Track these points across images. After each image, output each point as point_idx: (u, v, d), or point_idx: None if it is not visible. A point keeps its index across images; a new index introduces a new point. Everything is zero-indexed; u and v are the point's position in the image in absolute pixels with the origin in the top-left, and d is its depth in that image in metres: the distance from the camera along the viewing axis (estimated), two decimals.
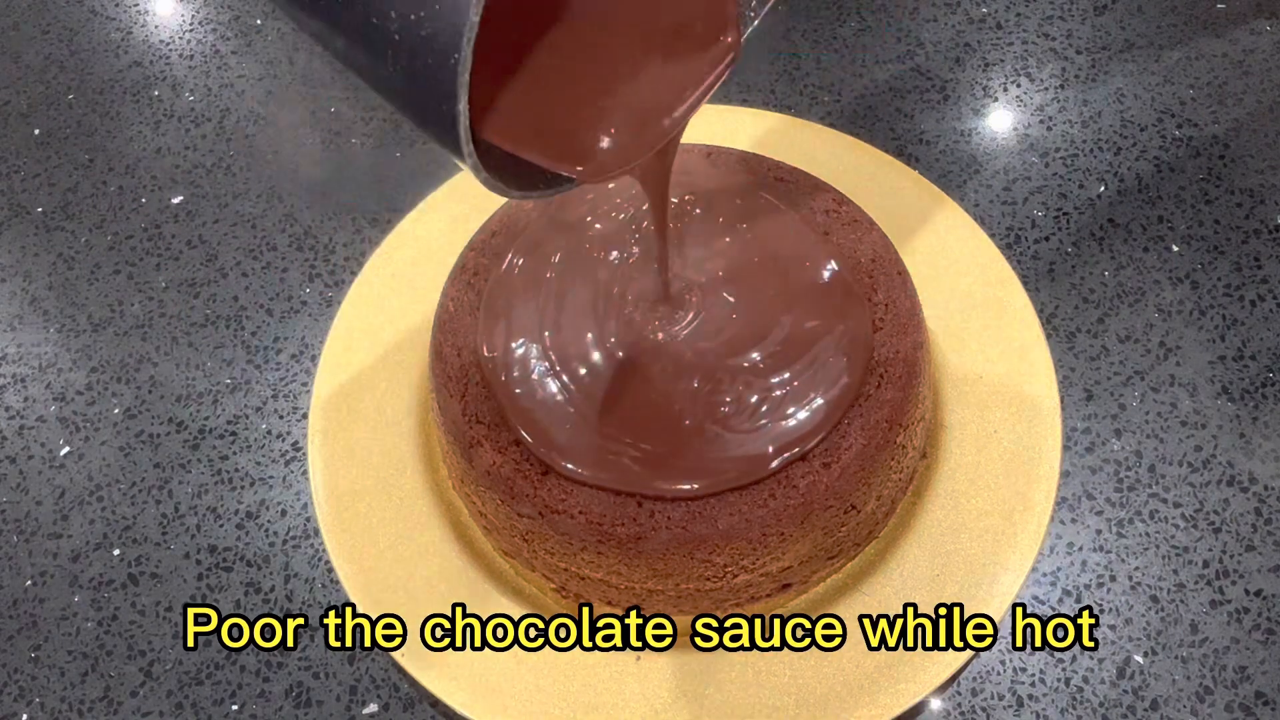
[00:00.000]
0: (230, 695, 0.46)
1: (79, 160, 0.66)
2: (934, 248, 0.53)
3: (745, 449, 0.41)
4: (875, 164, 0.56)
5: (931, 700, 0.45)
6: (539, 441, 0.42)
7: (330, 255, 0.60)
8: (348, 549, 0.46)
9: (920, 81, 0.65)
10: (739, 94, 0.65)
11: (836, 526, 0.43)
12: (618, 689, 0.43)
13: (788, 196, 0.49)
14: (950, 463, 0.47)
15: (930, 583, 0.44)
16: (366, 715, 0.46)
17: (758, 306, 0.45)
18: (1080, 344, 0.54)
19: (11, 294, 0.61)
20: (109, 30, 0.74)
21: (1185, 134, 0.62)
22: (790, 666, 0.43)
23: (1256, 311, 0.55)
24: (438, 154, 0.63)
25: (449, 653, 0.43)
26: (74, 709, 0.47)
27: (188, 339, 0.58)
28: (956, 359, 0.50)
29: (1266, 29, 0.66)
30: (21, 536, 0.52)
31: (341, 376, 0.51)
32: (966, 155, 0.62)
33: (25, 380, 0.57)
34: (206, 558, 0.50)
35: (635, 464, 0.41)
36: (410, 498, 0.48)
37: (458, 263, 0.49)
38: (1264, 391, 0.52)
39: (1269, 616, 0.46)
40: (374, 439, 0.50)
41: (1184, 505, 0.49)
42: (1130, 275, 0.56)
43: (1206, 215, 0.58)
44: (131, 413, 0.55)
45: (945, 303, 0.51)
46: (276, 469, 0.53)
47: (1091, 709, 0.44)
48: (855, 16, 0.68)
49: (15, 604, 0.50)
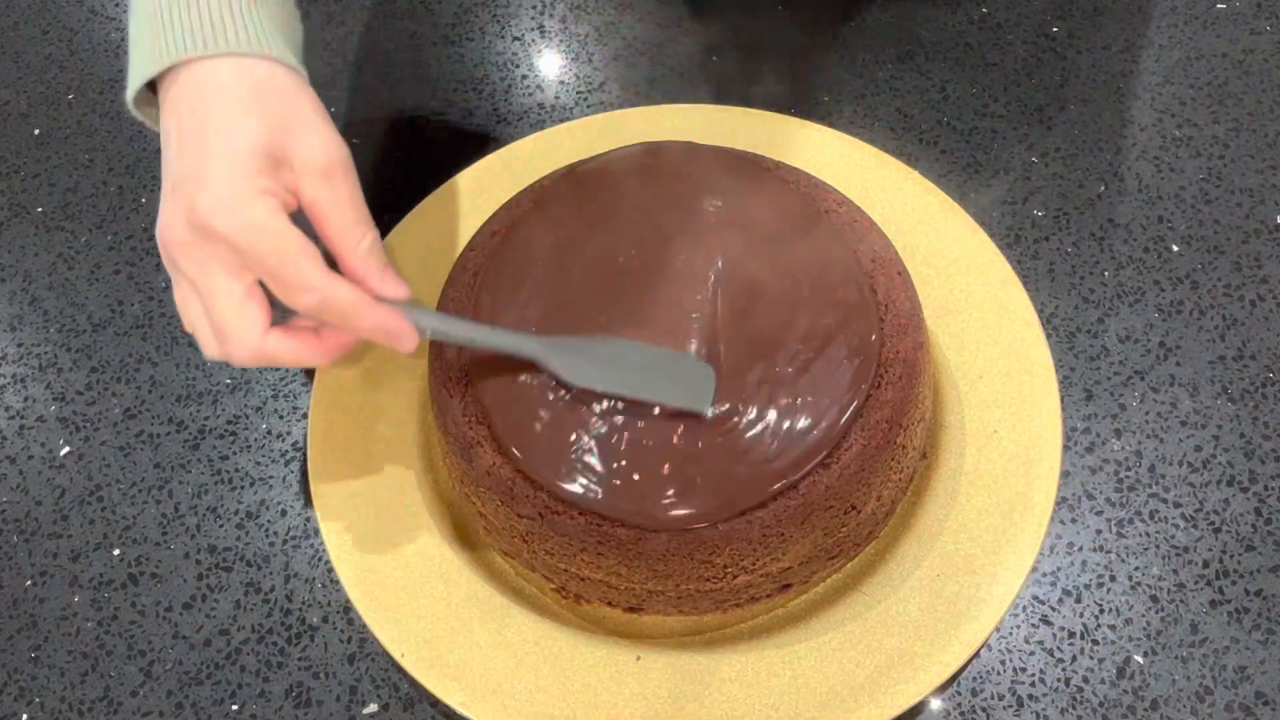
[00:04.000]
0: (230, 695, 0.46)
1: (79, 160, 0.66)
2: (934, 248, 0.53)
3: (749, 479, 0.41)
4: (875, 164, 0.56)
5: (931, 700, 0.45)
6: (532, 462, 0.42)
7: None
8: (348, 549, 0.46)
9: (920, 81, 0.65)
10: (740, 94, 0.65)
11: (837, 527, 0.43)
12: (618, 689, 0.43)
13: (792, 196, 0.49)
14: (950, 463, 0.47)
15: (930, 583, 0.44)
16: (366, 715, 0.46)
17: (764, 314, 0.44)
18: (1080, 344, 0.54)
19: (11, 294, 0.61)
20: (109, 30, 0.74)
21: (1185, 134, 0.62)
22: (790, 666, 0.43)
23: (1256, 311, 0.55)
24: (438, 154, 0.63)
25: (449, 653, 0.43)
26: (74, 709, 0.47)
27: (188, 339, 0.58)
28: (956, 359, 0.50)
29: (1266, 29, 0.66)
30: (21, 536, 0.52)
31: (341, 376, 0.51)
32: (966, 155, 0.62)
33: (25, 380, 0.57)
34: (206, 558, 0.50)
35: (634, 493, 0.41)
36: (410, 498, 0.48)
37: (457, 263, 0.49)
38: (1264, 391, 0.52)
39: (1269, 616, 0.46)
40: (374, 439, 0.50)
41: (1184, 505, 0.49)
42: (1130, 275, 0.56)
43: (1206, 215, 0.58)
44: (131, 413, 0.55)
45: (945, 303, 0.51)
46: (276, 469, 0.53)
47: (1091, 709, 0.44)
48: (855, 16, 0.68)
49: (15, 604, 0.50)
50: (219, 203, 0.36)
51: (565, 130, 0.59)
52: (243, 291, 0.37)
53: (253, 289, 0.38)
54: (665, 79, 0.67)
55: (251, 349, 0.38)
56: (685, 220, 0.47)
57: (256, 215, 0.37)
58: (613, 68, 0.68)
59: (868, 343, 0.43)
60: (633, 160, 0.50)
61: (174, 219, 0.37)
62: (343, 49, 0.70)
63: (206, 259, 0.37)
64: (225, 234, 0.36)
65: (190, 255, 0.37)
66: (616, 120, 0.59)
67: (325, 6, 0.73)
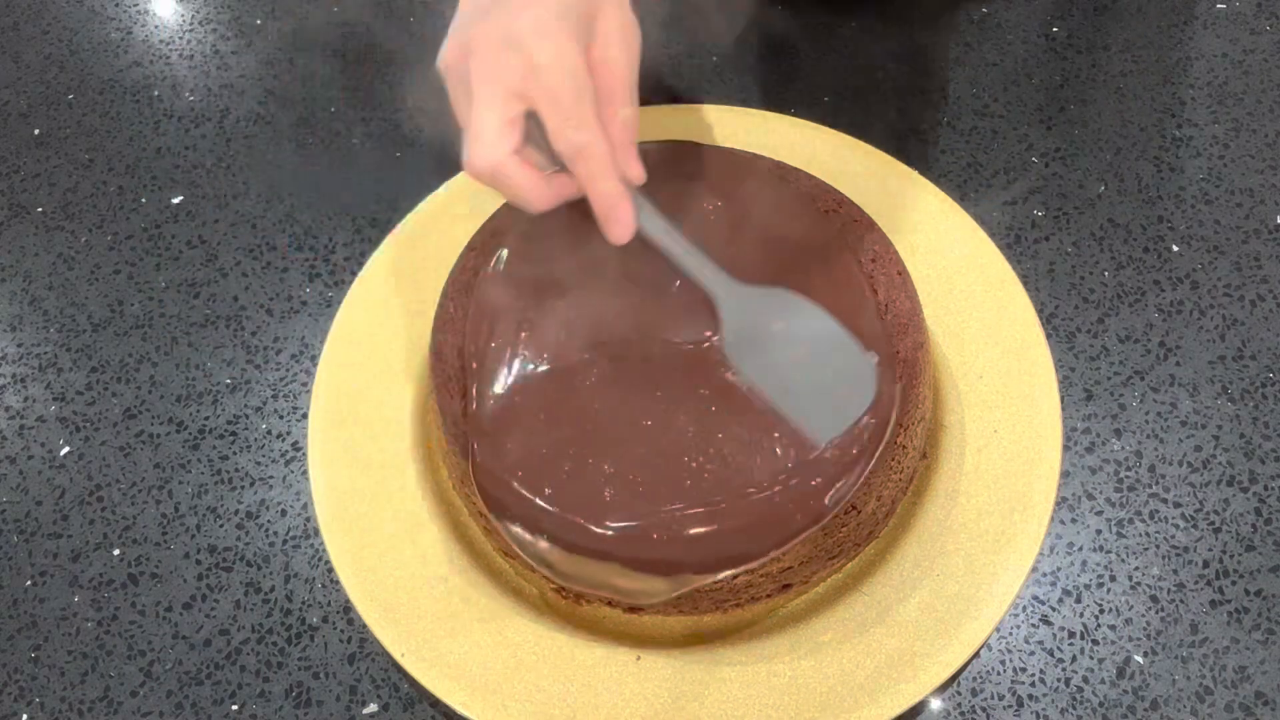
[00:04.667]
0: (230, 695, 0.46)
1: (79, 160, 0.66)
2: (934, 248, 0.53)
3: (753, 525, 0.41)
4: (875, 164, 0.56)
5: (931, 700, 0.45)
6: (531, 492, 0.42)
7: (330, 255, 0.60)
8: (348, 549, 0.46)
9: (920, 81, 0.65)
10: (739, 95, 0.66)
11: (837, 527, 0.43)
12: (618, 689, 0.43)
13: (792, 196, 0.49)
14: (950, 463, 0.47)
15: (930, 583, 0.44)
16: (366, 715, 0.46)
17: None
18: (1080, 344, 0.54)
19: (11, 294, 0.61)
20: (109, 30, 0.74)
21: (1185, 134, 0.62)
22: (790, 666, 0.43)
23: (1256, 311, 0.55)
24: (438, 154, 0.63)
25: (449, 653, 0.43)
26: (74, 709, 0.47)
27: (188, 339, 0.58)
28: (956, 359, 0.50)
29: (1266, 29, 0.66)
30: (21, 536, 0.52)
31: (341, 376, 0.51)
32: (966, 155, 0.62)
33: (25, 380, 0.57)
34: (206, 558, 0.50)
35: (643, 542, 0.41)
36: (410, 498, 0.48)
37: (457, 263, 0.49)
38: (1264, 391, 0.52)
39: (1269, 616, 0.46)
40: (374, 439, 0.50)
41: (1184, 505, 0.49)
42: (1130, 275, 0.56)
43: (1206, 215, 0.58)
44: (131, 413, 0.55)
45: (945, 303, 0.51)
46: (276, 469, 0.53)
47: (1091, 709, 0.44)
48: (855, 16, 0.68)
49: (15, 604, 0.50)
50: (539, 24, 0.39)
51: None
52: (514, 113, 0.39)
53: (521, 119, 0.40)
54: (665, 79, 0.67)
55: (493, 160, 0.39)
56: (684, 221, 0.47)
57: (566, 47, 0.39)
58: None
59: (869, 343, 0.43)
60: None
61: (489, 31, 0.39)
62: (342, 48, 0.70)
63: (502, 71, 0.39)
64: (534, 51, 0.38)
65: (488, 63, 0.39)
66: None
67: (325, 6, 0.73)
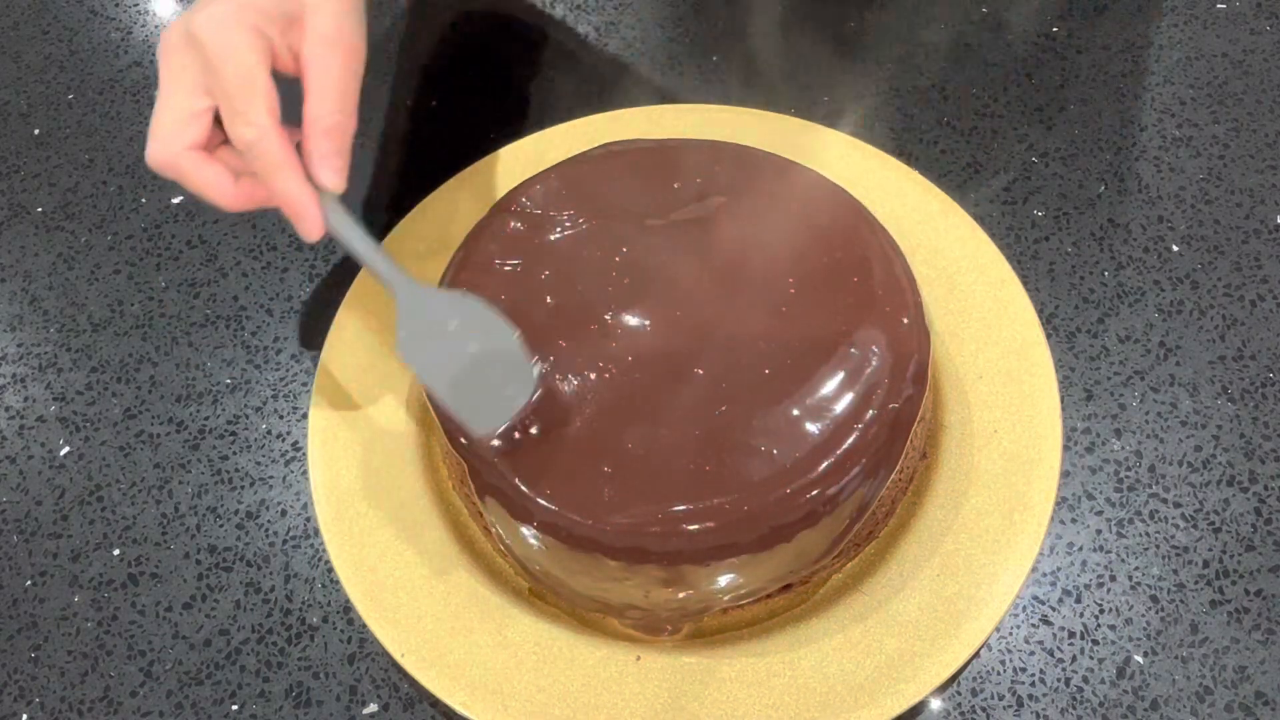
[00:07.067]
0: (230, 695, 0.46)
1: (79, 160, 0.66)
2: (934, 248, 0.53)
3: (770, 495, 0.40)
4: (875, 164, 0.56)
5: (931, 700, 0.45)
6: (534, 493, 0.41)
7: (330, 255, 0.60)
8: (348, 549, 0.46)
9: (920, 81, 0.65)
10: (740, 94, 0.66)
11: (837, 527, 0.43)
12: (618, 689, 0.43)
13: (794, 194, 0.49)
14: (950, 463, 0.47)
15: (930, 583, 0.44)
16: (366, 715, 0.46)
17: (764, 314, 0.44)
18: (1080, 344, 0.54)
19: (11, 294, 0.61)
20: (109, 30, 0.74)
21: (1185, 134, 0.62)
22: (790, 667, 0.43)
23: (1256, 311, 0.55)
24: (438, 154, 0.64)
25: (449, 653, 0.43)
26: (74, 709, 0.47)
27: (188, 339, 0.58)
28: (956, 359, 0.50)
29: (1266, 29, 0.66)
30: (21, 536, 0.52)
31: (341, 376, 0.51)
32: (966, 155, 0.62)
33: (25, 380, 0.57)
34: (206, 558, 0.50)
35: (643, 525, 0.40)
36: (410, 498, 0.48)
37: (452, 261, 0.49)
38: (1264, 391, 0.52)
39: (1269, 616, 0.46)
40: (374, 439, 0.50)
41: (1184, 505, 0.49)
42: (1130, 275, 0.56)
43: (1206, 215, 0.58)
44: (131, 413, 0.55)
45: (945, 303, 0.51)
46: (276, 469, 0.53)
47: (1091, 709, 0.44)
48: (855, 16, 0.68)
49: (15, 604, 0.50)
50: (213, 21, 0.40)
51: (565, 130, 0.59)
52: (196, 108, 0.40)
53: (206, 114, 0.40)
54: (665, 79, 0.67)
55: (166, 155, 0.40)
56: (686, 218, 0.47)
57: (238, 42, 0.39)
58: (613, 68, 0.68)
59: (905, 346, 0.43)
60: (636, 155, 0.50)
61: (176, 25, 0.41)
62: None
63: (184, 66, 0.40)
64: (205, 45, 0.39)
65: (170, 58, 0.41)
66: (616, 120, 0.59)
67: None
